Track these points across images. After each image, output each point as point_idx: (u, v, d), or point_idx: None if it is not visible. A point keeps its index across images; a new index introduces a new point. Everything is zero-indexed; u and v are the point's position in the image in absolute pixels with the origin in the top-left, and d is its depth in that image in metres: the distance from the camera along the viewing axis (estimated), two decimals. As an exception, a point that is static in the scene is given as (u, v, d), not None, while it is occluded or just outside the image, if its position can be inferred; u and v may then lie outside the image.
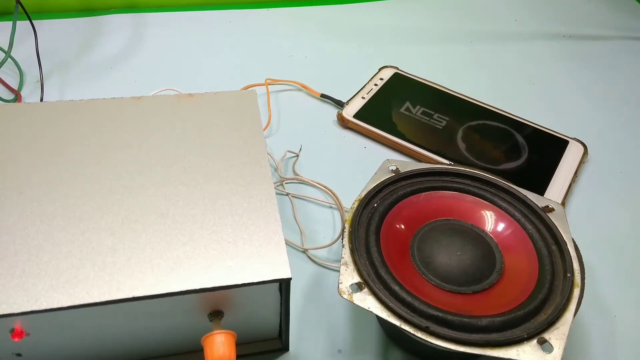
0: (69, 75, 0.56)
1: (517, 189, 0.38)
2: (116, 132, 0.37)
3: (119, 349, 0.33)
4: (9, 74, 0.55)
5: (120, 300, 0.28)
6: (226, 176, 0.35)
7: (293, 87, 0.57)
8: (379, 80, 0.57)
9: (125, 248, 0.30)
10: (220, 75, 0.58)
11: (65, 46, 0.60)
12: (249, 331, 0.34)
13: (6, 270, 0.29)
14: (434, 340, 0.30)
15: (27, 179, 0.34)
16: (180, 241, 0.31)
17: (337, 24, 0.67)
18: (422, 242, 0.36)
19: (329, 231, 0.44)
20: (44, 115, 0.38)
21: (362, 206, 0.36)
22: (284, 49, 0.62)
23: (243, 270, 0.30)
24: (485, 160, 0.49)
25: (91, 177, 0.34)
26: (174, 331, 0.32)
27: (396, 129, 0.51)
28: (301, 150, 0.50)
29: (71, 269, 0.29)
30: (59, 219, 0.32)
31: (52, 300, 0.28)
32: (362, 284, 0.32)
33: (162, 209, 0.33)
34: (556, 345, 0.30)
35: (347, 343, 0.37)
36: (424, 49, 0.63)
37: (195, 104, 0.40)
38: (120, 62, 0.58)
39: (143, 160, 0.36)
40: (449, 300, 0.33)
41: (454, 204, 0.38)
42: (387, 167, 0.40)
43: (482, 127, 0.52)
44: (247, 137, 0.38)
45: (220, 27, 0.65)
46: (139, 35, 0.62)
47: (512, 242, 0.36)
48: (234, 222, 0.32)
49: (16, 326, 0.29)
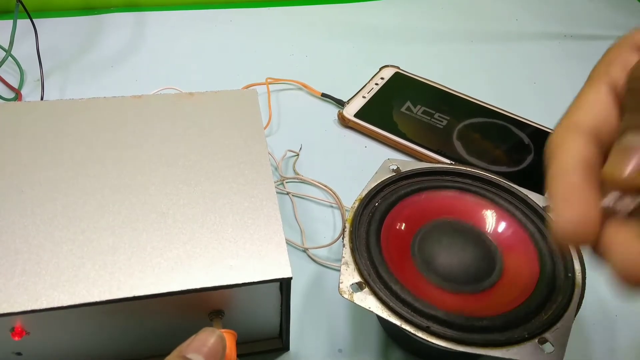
0: (70, 74, 0.56)
1: (518, 188, 0.38)
2: (117, 131, 0.37)
3: (119, 348, 0.33)
4: (10, 72, 0.55)
5: (120, 299, 0.28)
6: (227, 175, 0.35)
7: (294, 86, 0.57)
8: (380, 79, 0.57)
9: (126, 247, 0.30)
10: (220, 74, 0.58)
11: (65, 45, 0.60)
12: (249, 331, 0.34)
13: (6, 269, 0.29)
14: (434, 340, 0.30)
15: (28, 178, 0.34)
16: (180, 240, 0.31)
17: (338, 23, 0.67)
18: (423, 242, 0.36)
19: (329, 230, 0.44)
20: (44, 114, 0.38)
21: (363, 205, 0.36)
22: (284, 48, 0.62)
23: (244, 269, 0.30)
24: (485, 160, 0.49)
25: (92, 176, 0.34)
26: (174, 330, 0.32)
27: (397, 128, 0.51)
28: (301, 150, 0.50)
29: (72, 268, 0.29)
30: (59, 218, 0.32)
31: (53, 299, 0.28)
32: (362, 284, 0.32)
33: (163, 208, 0.33)
34: (557, 345, 0.30)
35: (347, 342, 0.37)
36: (425, 48, 0.63)
37: (195, 102, 0.40)
38: (120, 61, 0.58)
39: (144, 159, 0.35)
40: (449, 300, 0.33)
41: (455, 203, 0.38)
42: (387, 166, 0.40)
43: (483, 126, 0.52)
44: (248, 136, 0.38)
45: (221, 26, 0.65)
46: (140, 33, 0.62)
47: (513, 242, 0.36)
48: (234, 221, 0.32)
49: (16, 325, 0.29)
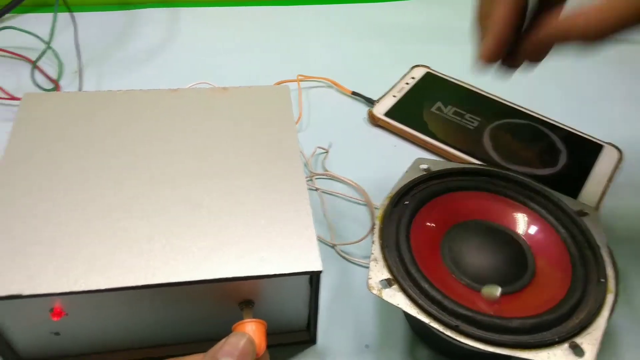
0: (106, 67, 0.57)
1: (550, 191, 0.38)
2: (153, 122, 0.38)
3: (151, 334, 0.34)
4: (49, 64, 0.57)
5: (155, 285, 0.29)
6: (259, 169, 0.35)
7: (324, 84, 0.57)
8: (411, 79, 0.56)
9: (161, 236, 0.31)
10: (252, 70, 0.58)
11: (102, 39, 0.61)
12: (278, 322, 0.34)
13: (47, 253, 0.30)
14: (463, 339, 0.30)
15: (66, 165, 0.34)
16: (213, 231, 0.32)
17: (370, 22, 0.67)
18: (453, 242, 0.36)
19: (357, 228, 0.44)
20: (82, 104, 0.39)
21: (393, 203, 0.37)
22: (316, 46, 0.62)
23: (275, 261, 0.30)
24: (516, 162, 0.48)
25: (128, 166, 0.35)
26: (205, 318, 0.33)
27: (427, 128, 0.51)
28: (331, 147, 0.50)
29: (109, 254, 0.30)
30: (97, 205, 0.32)
31: (90, 282, 0.29)
32: (391, 280, 0.32)
33: (197, 199, 0.33)
34: (588, 350, 0.30)
35: (374, 338, 0.37)
36: (456, 48, 0.63)
37: (229, 97, 0.41)
38: (155, 56, 0.59)
39: (178, 151, 0.36)
40: (478, 300, 0.33)
41: (486, 204, 0.38)
42: (418, 165, 0.40)
43: (514, 128, 0.52)
44: (280, 131, 0.38)
45: (253, 24, 0.65)
46: (174, 29, 0.63)
47: (545, 245, 0.36)
48: (266, 214, 0.33)
49: (56, 306, 0.29)
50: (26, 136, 0.36)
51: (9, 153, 0.35)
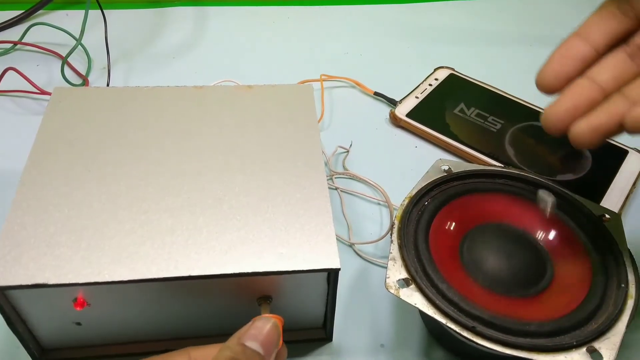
0: (134, 64, 0.59)
1: (572, 195, 0.38)
2: (178, 118, 0.39)
3: (171, 326, 0.34)
4: (78, 60, 0.58)
5: (177, 277, 0.29)
6: (281, 166, 0.36)
7: (347, 84, 0.57)
8: (434, 80, 0.56)
9: (184, 229, 0.32)
10: (276, 69, 0.59)
11: (131, 36, 0.62)
12: (295, 318, 0.35)
13: (73, 243, 0.31)
14: (480, 340, 0.30)
15: (94, 159, 0.35)
16: (235, 226, 0.32)
17: (393, 23, 0.67)
18: (472, 243, 0.36)
19: (376, 227, 0.44)
20: (111, 99, 0.40)
21: (413, 203, 0.37)
22: (339, 46, 0.63)
23: (294, 257, 0.31)
24: (539, 166, 0.48)
25: (153, 160, 0.36)
26: (223, 312, 0.33)
27: (449, 129, 0.51)
28: (352, 146, 0.50)
29: (132, 246, 0.31)
30: (122, 198, 0.33)
31: (114, 273, 0.29)
32: (409, 280, 0.32)
33: (219, 194, 0.34)
34: (606, 355, 0.29)
35: (389, 338, 0.37)
36: (481, 50, 0.63)
37: (254, 95, 0.41)
38: (182, 53, 0.60)
39: (202, 147, 0.37)
40: (496, 302, 0.33)
41: (507, 207, 0.38)
42: (439, 166, 0.40)
43: (538, 131, 0.51)
44: (303, 129, 0.39)
45: (278, 23, 0.66)
46: (201, 27, 0.64)
47: (565, 249, 0.36)
48: (286, 211, 0.33)
49: (79, 296, 0.30)
50: (55, 129, 0.37)
51: (38, 145, 0.36)
